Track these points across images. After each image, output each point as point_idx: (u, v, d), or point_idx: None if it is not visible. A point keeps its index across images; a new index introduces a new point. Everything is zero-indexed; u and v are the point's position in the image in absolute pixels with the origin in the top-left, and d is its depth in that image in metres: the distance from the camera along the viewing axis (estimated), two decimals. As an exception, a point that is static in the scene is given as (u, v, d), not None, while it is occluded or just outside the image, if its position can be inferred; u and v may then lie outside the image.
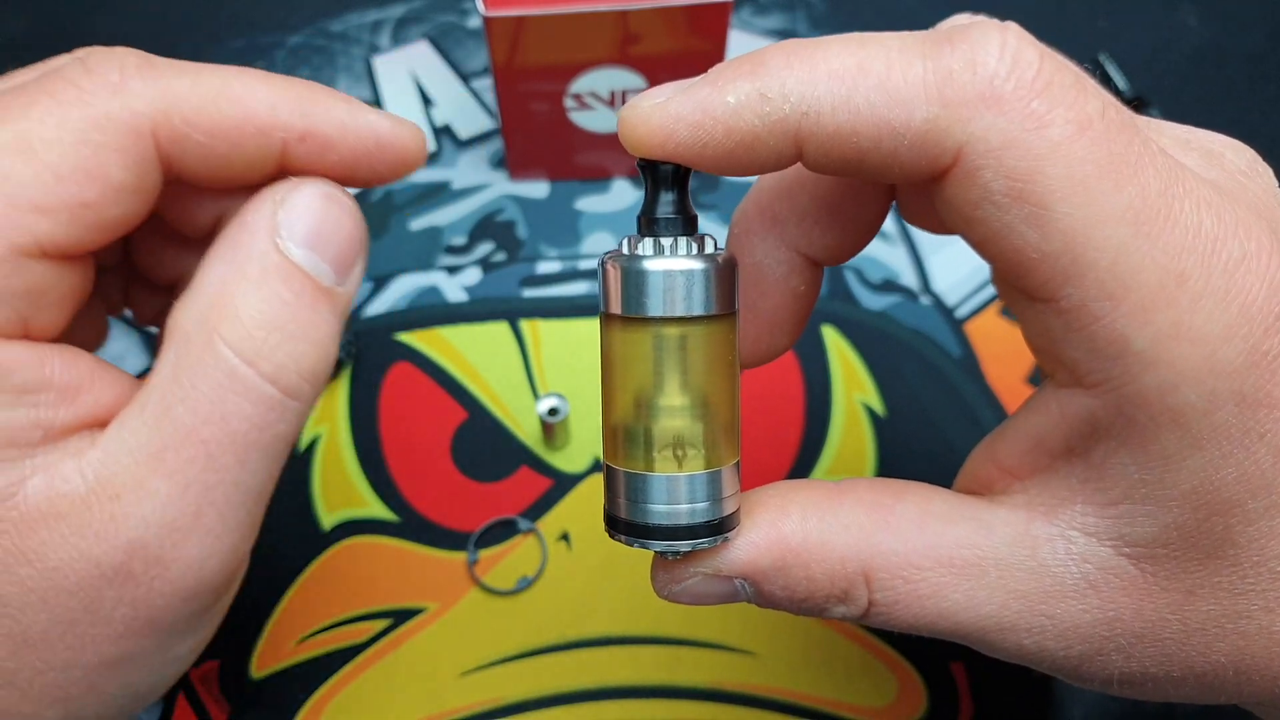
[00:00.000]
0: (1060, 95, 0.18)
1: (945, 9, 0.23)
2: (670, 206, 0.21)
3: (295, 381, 0.21)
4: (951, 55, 0.18)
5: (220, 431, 0.21)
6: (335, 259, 0.22)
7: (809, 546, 0.22)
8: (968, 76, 0.18)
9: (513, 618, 0.38)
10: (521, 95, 0.46)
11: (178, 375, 0.21)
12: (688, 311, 0.20)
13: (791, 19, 0.58)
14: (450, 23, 0.58)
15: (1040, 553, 0.21)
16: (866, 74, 0.19)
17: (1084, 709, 0.38)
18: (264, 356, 0.21)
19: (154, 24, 0.57)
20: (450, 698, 0.37)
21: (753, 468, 0.42)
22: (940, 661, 0.38)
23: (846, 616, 0.23)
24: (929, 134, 0.18)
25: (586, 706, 0.37)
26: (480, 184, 0.51)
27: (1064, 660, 0.22)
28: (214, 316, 0.21)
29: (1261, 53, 0.58)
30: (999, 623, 0.21)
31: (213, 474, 0.21)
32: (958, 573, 0.21)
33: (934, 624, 0.22)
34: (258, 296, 0.21)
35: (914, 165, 0.19)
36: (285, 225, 0.22)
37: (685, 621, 0.38)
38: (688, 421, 0.21)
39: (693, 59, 0.45)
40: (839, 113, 0.19)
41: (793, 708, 0.37)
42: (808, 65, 0.19)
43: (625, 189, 0.51)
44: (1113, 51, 0.56)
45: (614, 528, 0.22)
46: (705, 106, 0.19)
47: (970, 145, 0.18)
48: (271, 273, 0.21)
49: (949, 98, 0.18)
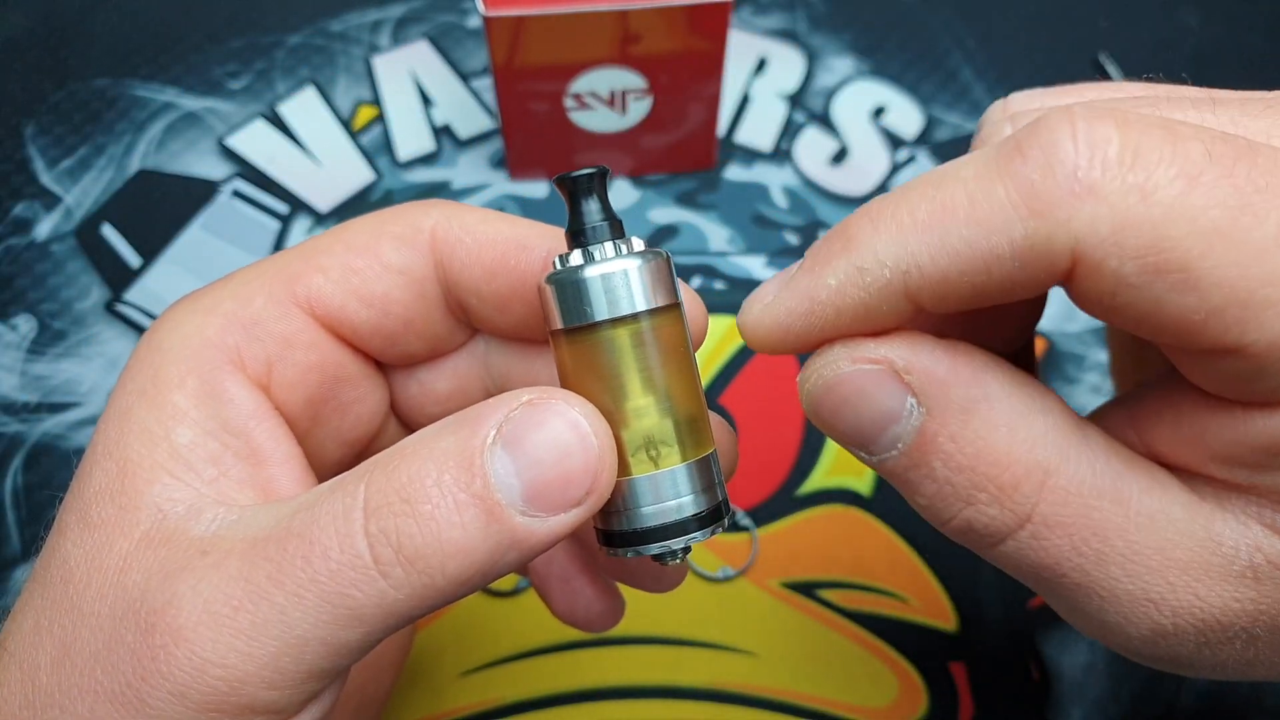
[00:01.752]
0: (1154, 156, 0.17)
1: (945, 9, 0.23)
2: (595, 215, 0.21)
3: (395, 567, 0.19)
4: (1026, 165, 0.17)
5: (298, 554, 0.19)
6: (538, 500, 0.20)
7: (1003, 414, 0.19)
8: (1051, 181, 0.17)
9: (513, 618, 0.38)
10: (521, 95, 0.46)
11: (319, 496, 0.20)
12: (632, 308, 0.21)
13: (791, 19, 0.58)
14: (450, 23, 0.58)
15: (1214, 527, 0.19)
16: (952, 214, 0.18)
17: (1084, 709, 0.38)
18: (387, 533, 0.19)
19: (154, 24, 0.57)
20: (450, 698, 0.37)
21: (753, 469, 0.42)
22: (940, 661, 0.38)
23: (983, 523, 0.20)
24: (1034, 248, 0.17)
25: (586, 706, 0.37)
26: (480, 184, 0.51)
27: (1186, 644, 0.20)
28: (379, 474, 0.20)
29: (1261, 53, 0.58)
30: (1145, 590, 0.20)
31: (270, 584, 0.20)
32: (1132, 520, 0.19)
33: (1077, 569, 0.20)
34: (426, 499, 0.19)
35: (1034, 279, 0.18)
36: (501, 456, 0.20)
37: (685, 621, 0.38)
38: (655, 419, 0.21)
39: (693, 59, 0.45)
40: (939, 260, 0.18)
41: (793, 708, 0.37)
42: (893, 224, 0.19)
43: (625, 189, 0.51)
44: (1113, 51, 0.56)
45: (609, 543, 0.22)
46: (810, 295, 0.19)
47: (1083, 243, 0.17)
48: (453, 484, 0.19)
49: (1040, 208, 0.17)
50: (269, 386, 0.23)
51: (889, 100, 0.55)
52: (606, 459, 0.20)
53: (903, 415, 0.20)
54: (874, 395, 0.20)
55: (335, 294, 0.23)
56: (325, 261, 0.23)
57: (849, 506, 0.42)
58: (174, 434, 0.21)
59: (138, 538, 0.21)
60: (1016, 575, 0.21)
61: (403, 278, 0.24)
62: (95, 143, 0.52)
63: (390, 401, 0.27)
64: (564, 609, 0.27)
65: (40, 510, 0.41)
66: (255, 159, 0.52)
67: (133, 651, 0.19)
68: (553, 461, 0.20)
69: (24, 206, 0.50)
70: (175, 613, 0.19)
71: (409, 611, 0.20)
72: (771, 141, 0.53)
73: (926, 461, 0.20)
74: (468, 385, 0.26)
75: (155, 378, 0.22)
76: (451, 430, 0.20)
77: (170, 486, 0.21)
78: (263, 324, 0.23)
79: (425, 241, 0.24)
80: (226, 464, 0.22)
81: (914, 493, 0.20)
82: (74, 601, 0.20)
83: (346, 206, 0.50)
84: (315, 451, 0.25)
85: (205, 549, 0.20)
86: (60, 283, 0.48)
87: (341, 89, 0.55)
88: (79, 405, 0.44)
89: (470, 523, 0.19)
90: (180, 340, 0.22)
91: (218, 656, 0.19)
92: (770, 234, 0.50)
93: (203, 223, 0.50)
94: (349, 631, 0.19)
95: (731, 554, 0.40)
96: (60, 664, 0.20)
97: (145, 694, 0.19)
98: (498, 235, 0.24)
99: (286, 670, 0.19)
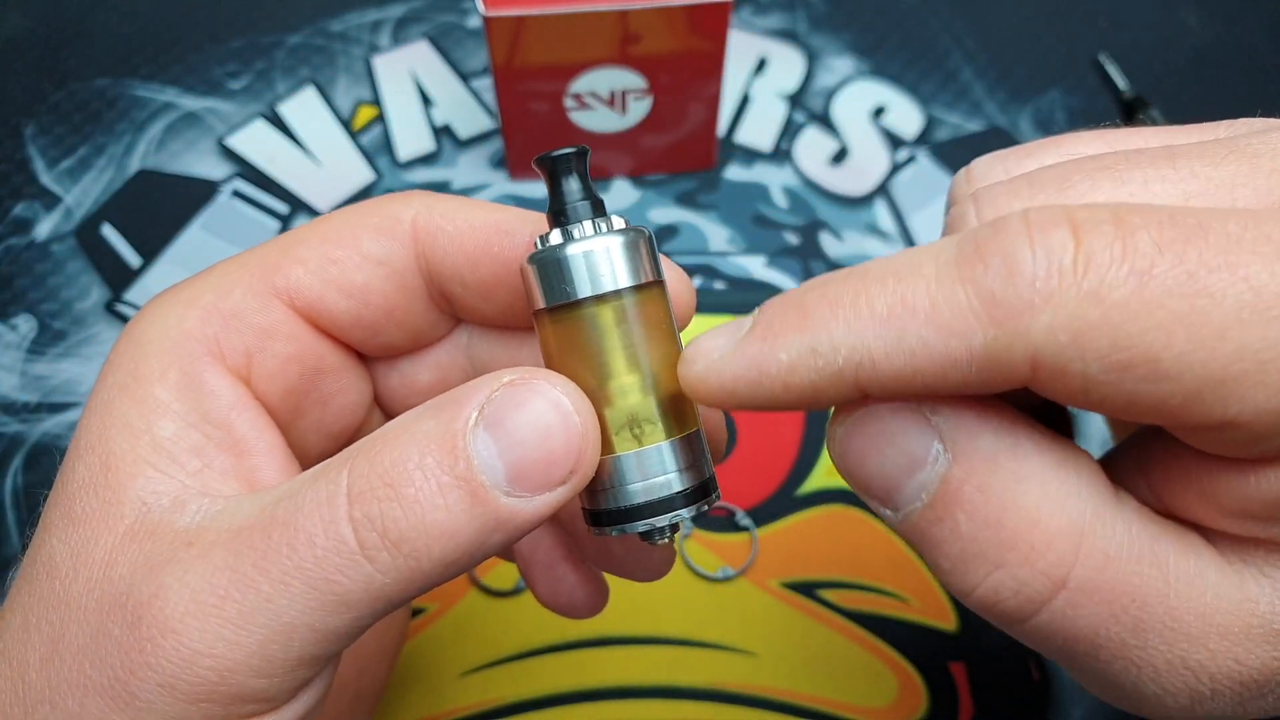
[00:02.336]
0: (1105, 256, 0.17)
1: (945, 9, 0.23)
2: (575, 194, 0.21)
3: (380, 552, 0.19)
4: (987, 274, 0.17)
5: (282, 542, 0.19)
6: (522, 480, 0.20)
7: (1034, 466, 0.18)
8: (1010, 292, 0.17)
9: (513, 618, 0.38)
10: (521, 95, 0.46)
11: (303, 483, 0.20)
12: (614, 285, 0.21)
13: (791, 19, 0.58)
14: (450, 23, 0.58)
15: (1248, 587, 0.19)
16: (912, 313, 0.18)
17: (1084, 709, 0.38)
18: (372, 518, 0.19)
19: (154, 24, 0.57)
20: (450, 698, 0.37)
21: (753, 468, 0.42)
22: (940, 661, 0.38)
23: (1011, 589, 0.18)
24: (993, 356, 0.17)
25: (586, 706, 0.37)
26: (480, 184, 0.51)
27: (1223, 707, 0.19)
28: (362, 459, 0.20)
29: (1261, 53, 0.58)
30: (1184, 658, 0.19)
31: (256, 572, 0.20)
32: (1171, 586, 0.19)
33: (1114, 639, 0.19)
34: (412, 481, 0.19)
35: (990, 384, 0.18)
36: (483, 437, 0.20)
37: (685, 621, 0.38)
38: (639, 397, 0.21)
39: (693, 59, 0.45)
40: (894, 358, 0.18)
41: (793, 708, 0.37)
42: (851, 311, 0.18)
43: (625, 189, 0.51)
44: (1113, 51, 0.56)
45: (596, 522, 0.22)
46: (760, 366, 0.19)
47: (1042, 351, 0.17)
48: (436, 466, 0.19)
49: (999, 318, 0.17)
50: (249, 378, 0.23)
51: (889, 100, 0.55)
52: (590, 437, 0.20)
53: (928, 460, 0.19)
54: (899, 437, 0.19)
55: (314, 285, 0.23)
56: (304, 253, 0.23)
57: (849, 506, 0.42)
58: (156, 427, 0.21)
59: (122, 531, 0.21)
60: (1044, 649, 0.20)
61: (383, 268, 0.24)
62: (95, 143, 0.52)
63: (374, 393, 0.27)
64: (548, 595, 0.27)
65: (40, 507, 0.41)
66: (255, 159, 0.52)
67: (120, 644, 0.19)
68: (535, 441, 0.20)
69: (24, 206, 0.50)
70: (162, 604, 0.19)
71: (396, 595, 0.20)
72: (771, 141, 0.53)
73: (951, 514, 0.19)
74: (450, 376, 0.26)
75: (136, 371, 0.22)
76: (433, 413, 0.20)
77: (154, 479, 0.21)
78: (242, 316, 0.23)
79: (405, 232, 0.24)
80: (209, 455, 0.22)
81: (938, 553, 0.19)
82: (61, 597, 0.20)
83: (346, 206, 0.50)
84: (299, 443, 0.25)
85: (190, 540, 0.20)
86: (60, 283, 0.48)
87: (341, 89, 0.55)
88: (79, 405, 0.44)
89: (455, 505, 0.19)
90: (160, 333, 0.22)
91: (206, 646, 0.19)
92: (770, 234, 0.50)
93: (203, 223, 0.50)
94: (336, 617, 0.19)
95: (731, 554, 0.40)
96: (49, 660, 0.20)
97: (134, 686, 0.19)
98: (480, 222, 0.24)
99: (275, 658, 0.19)
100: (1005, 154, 0.23)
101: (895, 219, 0.50)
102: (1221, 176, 0.19)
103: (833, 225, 0.50)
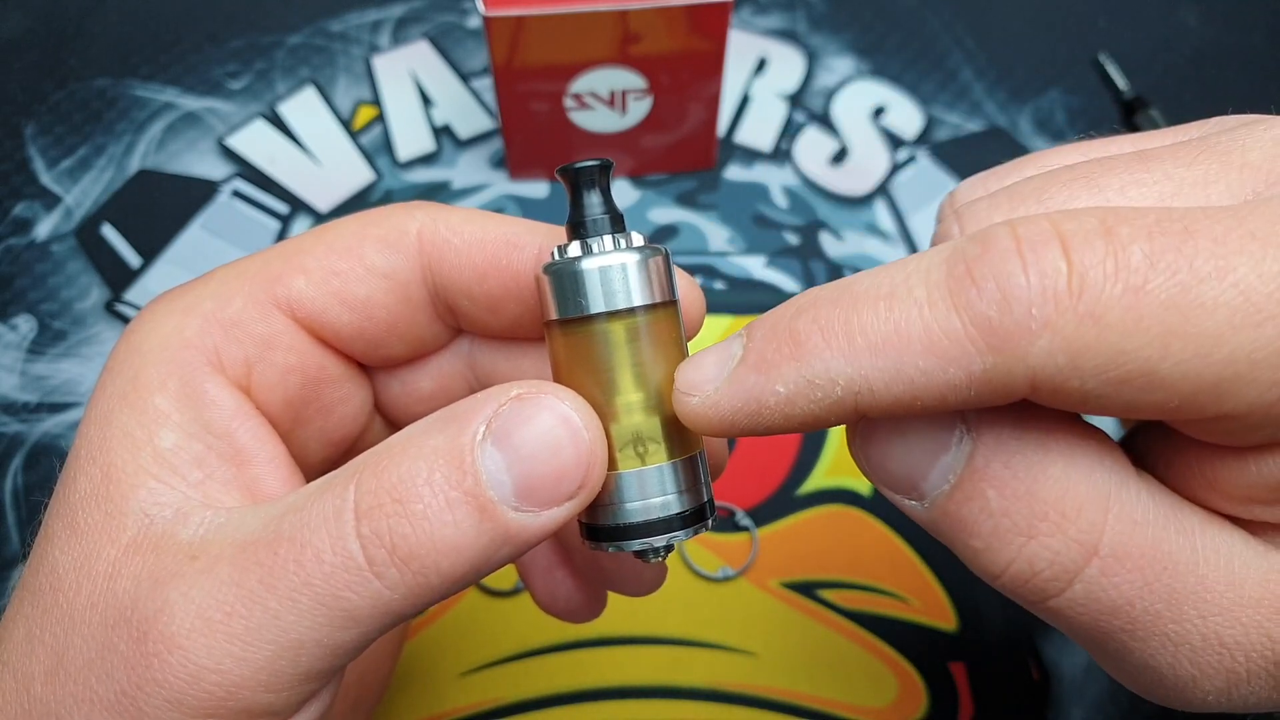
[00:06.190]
0: (1099, 274, 0.17)
1: (945, 9, 0.23)
2: (596, 208, 0.21)
3: (389, 568, 0.19)
4: (981, 300, 0.17)
5: (289, 558, 0.19)
6: (529, 495, 0.20)
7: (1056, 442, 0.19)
8: (1007, 318, 0.17)
9: (513, 618, 0.38)
10: (521, 95, 0.46)
11: (308, 497, 0.20)
12: (628, 303, 0.20)
13: (791, 19, 0.58)
14: (450, 23, 0.58)
15: (1273, 558, 0.19)
16: (908, 341, 0.18)
17: (1084, 709, 0.38)
18: (380, 534, 0.19)
19: (154, 24, 0.57)
20: (450, 698, 0.37)
21: (753, 469, 0.42)
22: (940, 661, 0.38)
23: (1046, 560, 0.19)
24: (992, 380, 0.17)
25: (586, 706, 0.37)
26: (480, 184, 0.51)
27: (1259, 689, 0.19)
28: (369, 474, 0.20)
29: (1261, 53, 0.58)
30: (1219, 632, 0.19)
31: (262, 588, 0.19)
32: (1200, 554, 0.19)
33: (1149, 611, 0.19)
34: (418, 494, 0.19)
35: (990, 402, 0.18)
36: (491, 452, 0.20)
37: (685, 621, 0.38)
38: (644, 415, 0.21)
39: (693, 59, 0.45)
40: (893, 387, 0.18)
41: (793, 708, 0.37)
42: (845, 340, 0.18)
43: (625, 189, 0.51)
44: (1113, 51, 0.56)
45: (593, 537, 0.22)
46: (758, 399, 0.19)
47: (1040, 372, 0.17)
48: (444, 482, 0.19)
49: (997, 345, 0.17)
50: (249, 388, 0.23)
51: (889, 100, 0.55)
52: (598, 453, 0.20)
53: (953, 443, 0.19)
54: (920, 425, 0.19)
55: (316, 297, 0.23)
56: (307, 263, 0.23)
57: (849, 506, 0.42)
58: (157, 438, 0.21)
59: (125, 543, 0.20)
60: (1078, 630, 0.20)
61: (387, 281, 0.23)
62: (95, 143, 0.52)
63: (374, 401, 0.27)
64: (545, 599, 0.27)
65: (40, 511, 0.41)
66: (255, 159, 0.52)
67: (126, 660, 0.19)
68: (544, 457, 0.20)
69: (24, 206, 0.50)
70: (168, 620, 0.19)
71: (404, 610, 0.20)
72: (771, 141, 0.53)
73: (980, 492, 0.19)
74: (452, 384, 0.26)
75: (135, 380, 0.22)
76: (440, 427, 0.20)
77: (156, 491, 0.21)
78: (242, 325, 0.23)
79: (411, 244, 0.23)
80: (211, 466, 0.22)
81: (969, 534, 0.19)
82: (65, 610, 0.20)
83: (346, 206, 0.50)
84: (299, 452, 0.25)
85: (194, 554, 0.20)
86: (60, 283, 0.48)
87: (341, 89, 0.55)
88: (79, 405, 0.44)
89: (463, 520, 0.19)
90: (159, 341, 0.22)
91: (213, 662, 0.19)
92: (770, 234, 0.50)
93: (203, 223, 0.50)
94: (344, 633, 0.19)
95: (731, 554, 0.40)
96: (54, 674, 0.20)
97: (141, 702, 0.19)
98: (487, 235, 0.23)
99: (283, 673, 0.19)
100: (987, 174, 0.23)
101: (895, 219, 0.50)
102: (1194, 176, 0.19)
103: (833, 225, 0.50)
